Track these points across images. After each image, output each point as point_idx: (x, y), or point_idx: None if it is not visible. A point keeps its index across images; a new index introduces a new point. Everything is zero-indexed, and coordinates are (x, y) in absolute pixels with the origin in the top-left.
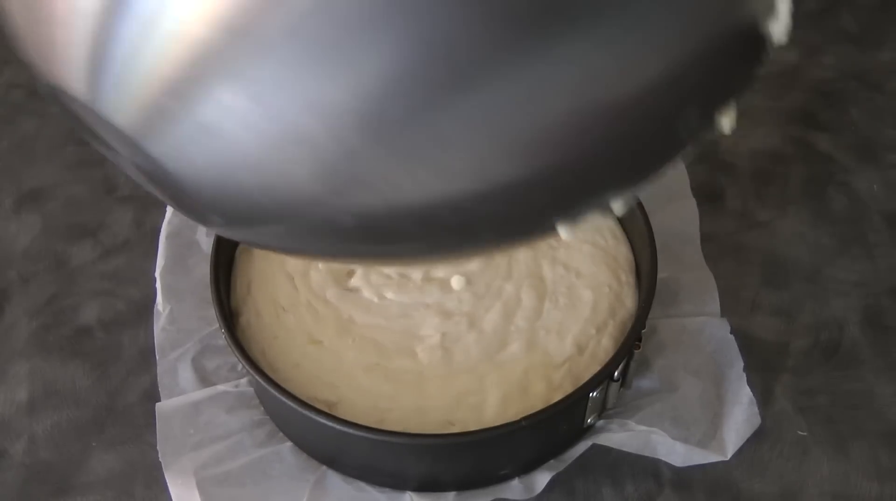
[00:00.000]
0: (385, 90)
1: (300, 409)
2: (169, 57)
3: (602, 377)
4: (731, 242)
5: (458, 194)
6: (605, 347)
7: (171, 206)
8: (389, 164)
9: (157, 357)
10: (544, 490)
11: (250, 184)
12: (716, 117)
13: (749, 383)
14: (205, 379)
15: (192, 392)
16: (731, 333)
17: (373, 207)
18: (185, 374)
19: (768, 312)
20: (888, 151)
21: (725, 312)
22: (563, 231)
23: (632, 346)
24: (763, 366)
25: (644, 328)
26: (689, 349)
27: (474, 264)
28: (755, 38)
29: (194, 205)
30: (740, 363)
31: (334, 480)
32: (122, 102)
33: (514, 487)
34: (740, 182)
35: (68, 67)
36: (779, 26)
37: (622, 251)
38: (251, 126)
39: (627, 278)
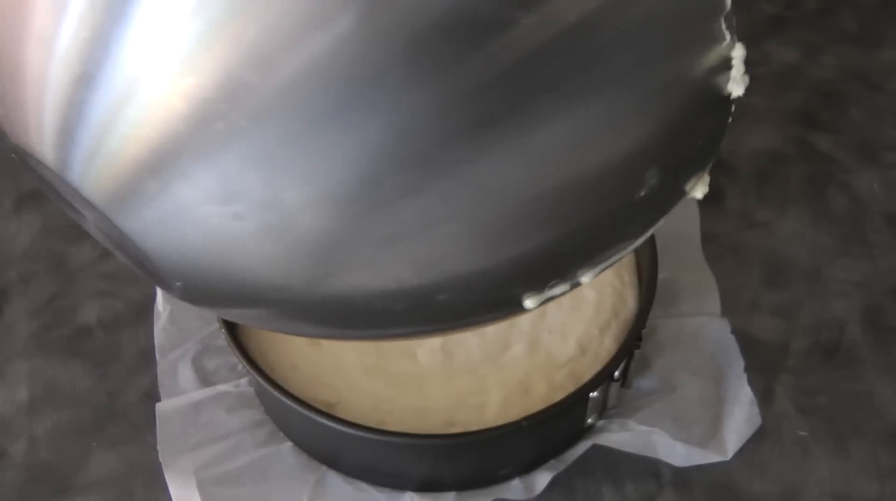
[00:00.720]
0: (347, 181)
1: (301, 409)
2: (145, 136)
3: (602, 378)
4: (731, 242)
5: (422, 282)
6: (607, 347)
7: (133, 268)
8: (350, 255)
9: (157, 357)
10: (544, 490)
11: (219, 269)
12: (686, 187)
13: (749, 383)
14: (205, 379)
15: (192, 392)
16: (731, 333)
17: (337, 294)
18: (185, 374)
19: (768, 312)
20: (888, 151)
21: (725, 312)
22: (531, 303)
23: (632, 346)
24: (763, 366)
25: (644, 327)
26: (690, 349)
27: None
28: (714, 103)
29: (159, 276)
30: (740, 363)
31: (334, 480)
32: (94, 175)
33: (515, 487)
34: (740, 182)
35: (37, 132)
36: (736, 82)
37: None
38: (228, 214)
39: (630, 278)
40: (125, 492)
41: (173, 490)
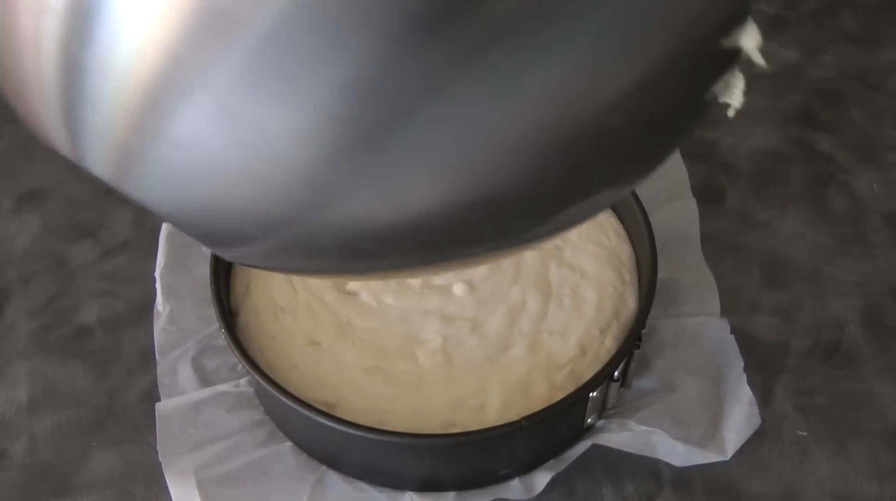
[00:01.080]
0: (349, 100)
1: (301, 409)
2: (120, 99)
3: (602, 377)
4: (731, 242)
5: (441, 205)
6: (608, 347)
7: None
8: (362, 176)
9: (157, 357)
10: (544, 490)
11: (218, 208)
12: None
13: (749, 383)
14: (205, 379)
15: (192, 392)
16: (731, 333)
17: (352, 222)
18: (185, 374)
19: (768, 312)
20: (888, 151)
21: (725, 312)
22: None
23: (632, 346)
24: (763, 366)
25: (644, 327)
26: (689, 349)
27: (479, 270)
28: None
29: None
30: (740, 363)
31: (334, 480)
32: (97, 154)
33: (514, 487)
34: (740, 182)
35: (55, 133)
36: (749, 41)
37: (625, 250)
38: (207, 150)
39: (631, 278)
40: (125, 492)
41: (173, 490)
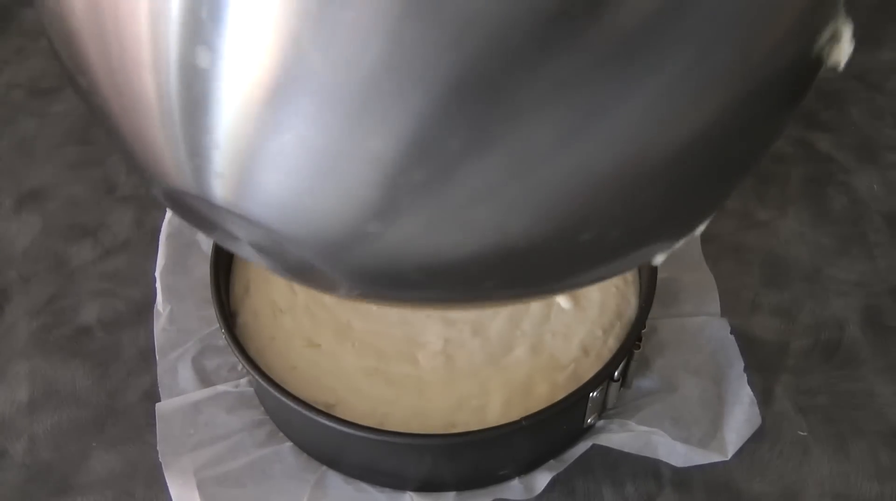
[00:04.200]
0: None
1: (301, 409)
2: (231, 123)
3: (602, 377)
4: (731, 242)
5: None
6: (610, 348)
7: (306, 280)
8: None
9: (157, 357)
10: (544, 490)
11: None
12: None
13: (749, 383)
14: (205, 379)
15: (192, 392)
16: (731, 333)
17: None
18: (185, 374)
19: (768, 312)
20: (888, 151)
21: (725, 312)
22: (659, 259)
23: (632, 346)
24: (763, 366)
25: (644, 327)
26: (690, 348)
27: None
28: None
29: (321, 271)
30: (740, 363)
31: (334, 480)
32: (218, 181)
33: (515, 487)
34: None
35: (177, 168)
36: (840, 51)
37: None
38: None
39: (633, 277)
40: (125, 492)
41: (173, 490)
